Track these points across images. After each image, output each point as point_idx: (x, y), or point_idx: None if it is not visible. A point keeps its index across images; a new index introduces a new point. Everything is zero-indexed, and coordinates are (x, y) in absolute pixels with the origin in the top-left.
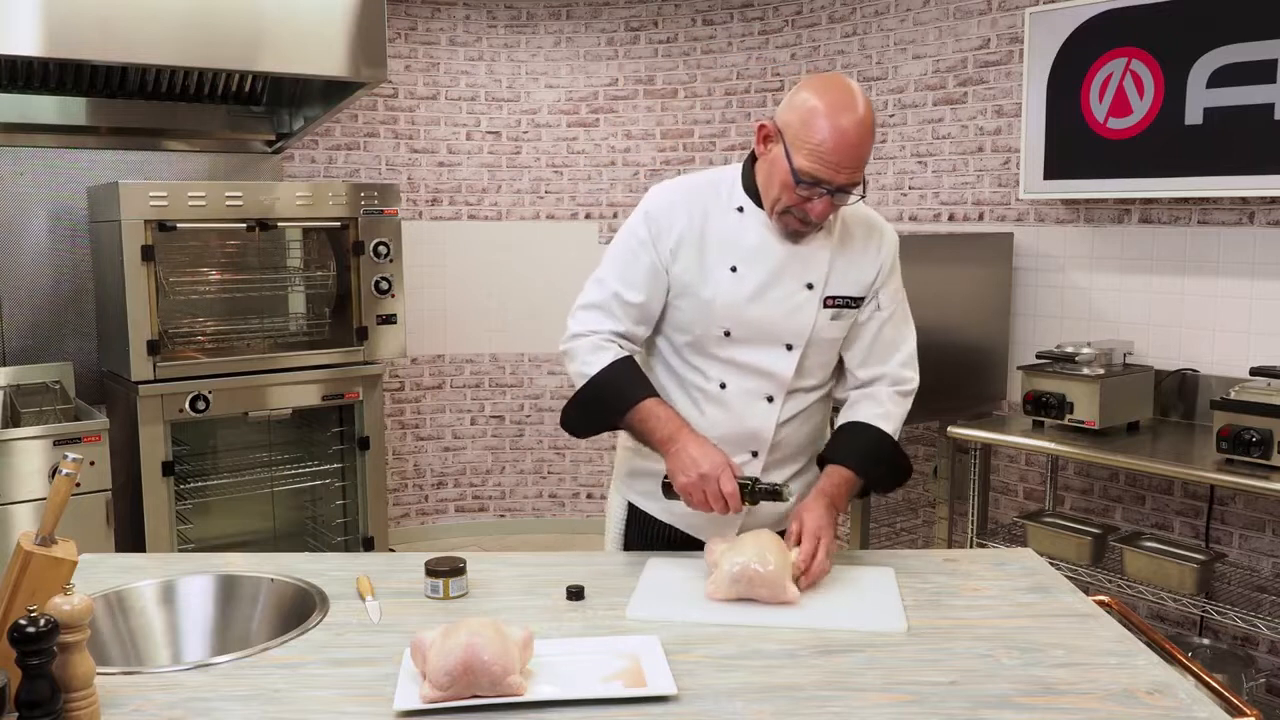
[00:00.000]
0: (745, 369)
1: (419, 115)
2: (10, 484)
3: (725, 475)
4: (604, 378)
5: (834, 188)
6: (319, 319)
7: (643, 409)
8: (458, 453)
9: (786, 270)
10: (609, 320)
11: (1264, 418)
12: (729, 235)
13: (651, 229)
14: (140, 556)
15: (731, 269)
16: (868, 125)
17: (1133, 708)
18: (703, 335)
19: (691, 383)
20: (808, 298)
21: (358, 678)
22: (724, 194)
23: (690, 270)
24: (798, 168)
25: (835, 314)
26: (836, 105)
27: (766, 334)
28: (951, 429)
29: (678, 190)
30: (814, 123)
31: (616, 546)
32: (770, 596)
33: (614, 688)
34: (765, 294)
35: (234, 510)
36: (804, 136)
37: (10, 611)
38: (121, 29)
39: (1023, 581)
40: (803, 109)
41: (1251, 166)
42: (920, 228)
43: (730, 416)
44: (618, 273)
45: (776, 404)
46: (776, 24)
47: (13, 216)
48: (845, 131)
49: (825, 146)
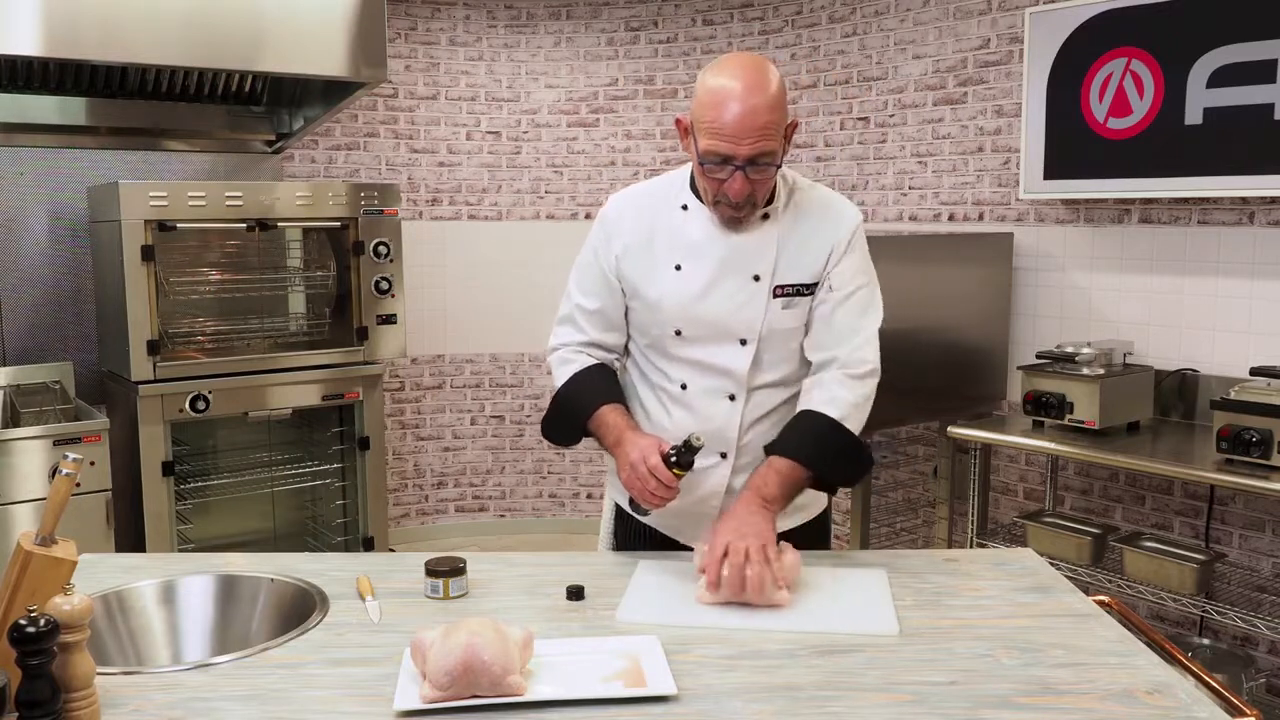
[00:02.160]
0: (702, 368)
1: (419, 115)
2: (10, 484)
3: (649, 453)
4: (567, 390)
5: (742, 162)
6: (319, 319)
7: (597, 417)
8: (458, 453)
9: (732, 264)
10: (576, 332)
11: (1264, 418)
12: (674, 234)
13: (601, 237)
14: (140, 556)
15: (676, 267)
16: (764, 93)
17: (1133, 708)
18: (659, 336)
19: (658, 385)
20: (755, 290)
21: (358, 678)
22: (672, 195)
23: (638, 272)
24: (702, 150)
25: (787, 303)
26: (729, 80)
27: (718, 330)
28: (951, 429)
29: (628, 196)
30: (708, 102)
31: (606, 546)
32: (761, 600)
33: (614, 688)
34: (712, 290)
35: (234, 510)
36: (702, 117)
37: (10, 611)
38: (121, 29)
39: (1023, 581)
40: (699, 92)
41: (1251, 166)
42: (920, 228)
43: (695, 417)
44: (577, 283)
45: (739, 402)
46: (776, 24)
47: (13, 216)
48: (736, 103)
49: (719, 121)
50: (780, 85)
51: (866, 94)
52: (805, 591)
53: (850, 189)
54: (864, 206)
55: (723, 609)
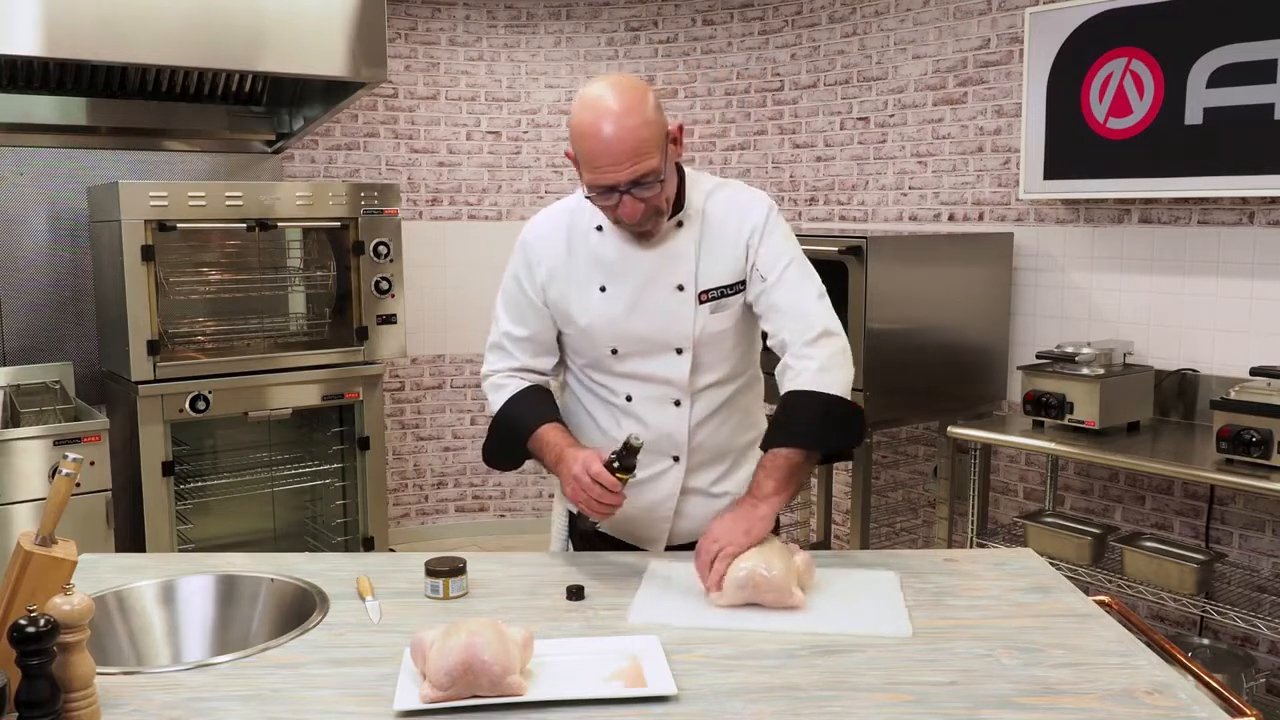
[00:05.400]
0: (643, 379)
1: (419, 115)
2: (10, 484)
3: (590, 462)
4: (502, 415)
5: (625, 187)
6: (319, 319)
7: (537, 437)
8: (458, 453)
9: (654, 277)
10: (505, 359)
11: (1264, 418)
12: (593, 256)
13: (524, 264)
14: (140, 556)
15: (601, 289)
16: (629, 114)
17: (1133, 708)
18: (596, 356)
19: (602, 398)
20: (681, 299)
21: (358, 678)
22: (585, 216)
23: (565, 298)
24: (586, 182)
25: (715, 307)
26: (589, 112)
27: (652, 344)
28: (951, 429)
29: (544, 220)
30: (577, 135)
31: (560, 549)
32: (776, 601)
33: (614, 688)
34: (638, 306)
35: (234, 510)
36: (578, 151)
37: (10, 611)
38: (121, 29)
39: (1023, 581)
40: (571, 127)
41: (1251, 166)
42: (920, 228)
43: (644, 426)
44: (504, 309)
45: (685, 407)
46: (776, 24)
47: (13, 216)
48: (602, 132)
49: (592, 153)
50: (645, 98)
51: (866, 94)
52: (817, 594)
53: (850, 189)
54: (864, 207)
55: (738, 611)
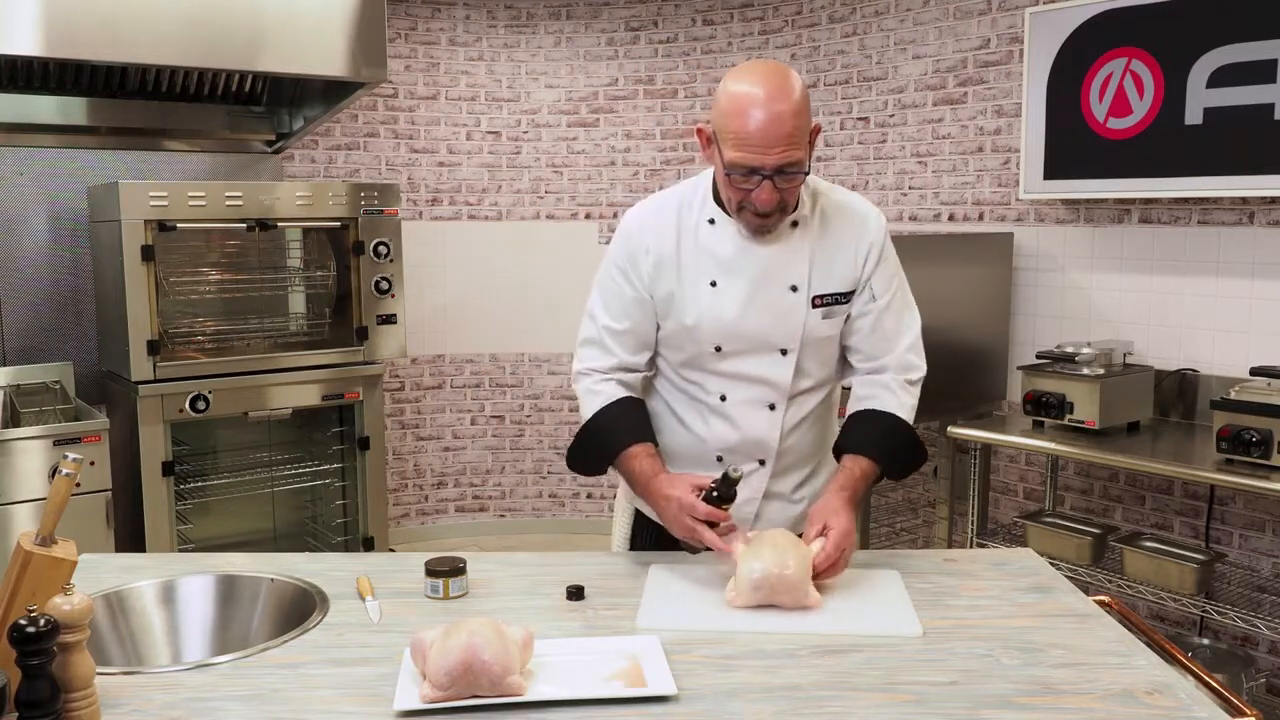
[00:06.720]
0: (742, 379)
1: (419, 115)
2: (10, 484)
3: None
4: (595, 424)
5: (769, 171)
6: (319, 319)
7: (625, 457)
8: (458, 453)
9: (768, 276)
10: (604, 355)
11: (1264, 418)
12: (704, 249)
13: (628, 256)
14: (140, 556)
15: (711, 284)
16: (788, 100)
17: (1133, 708)
18: (696, 353)
19: (695, 397)
20: (795, 301)
21: (358, 678)
22: (695, 208)
23: (671, 292)
24: (727, 161)
25: (826, 313)
26: (751, 88)
27: (758, 343)
28: (951, 429)
29: (649, 212)
30: (731, 111)
31: (623, 549)
32: (792, 602)
33: (614, 688)
34: (750, 304)
35: (234, 510)
36: (726, 127)
37: (10, 611)
38: (121, 29)
39: (1023, 581)
40: (722, 101)
41: (1251, 166)
42: (920, 228)
43: (734, 428)
44: (603, 304)
45: (779, 411)
46: (776, 24)
47: (13, 216)
48: (761, 112)
49: (745, 131)
50: (803, 91)
51: (866, 94)
52: (825, 595)
53: (850, 189)
54: None
55: (754, 612)
